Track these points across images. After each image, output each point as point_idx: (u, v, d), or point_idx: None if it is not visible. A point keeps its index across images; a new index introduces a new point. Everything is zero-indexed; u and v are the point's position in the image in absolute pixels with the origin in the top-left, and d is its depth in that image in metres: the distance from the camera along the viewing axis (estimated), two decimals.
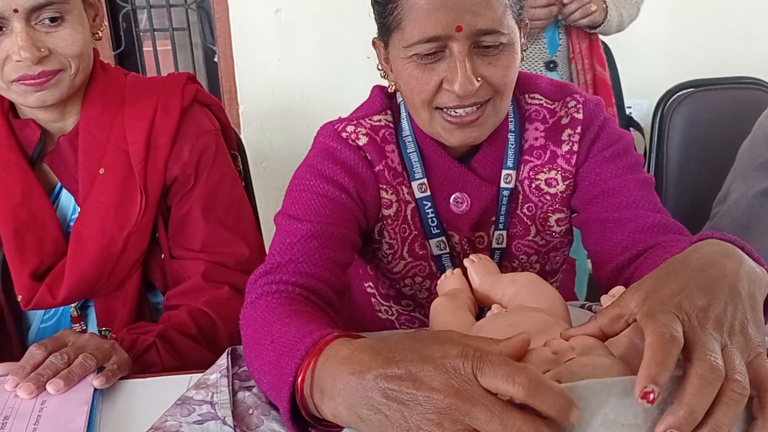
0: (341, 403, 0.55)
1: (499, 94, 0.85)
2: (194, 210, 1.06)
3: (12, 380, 0.77)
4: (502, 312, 0.72)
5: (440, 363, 0.50)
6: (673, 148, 1.60)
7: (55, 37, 0.92)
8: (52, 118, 1.02)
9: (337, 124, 0.95)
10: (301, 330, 0.66)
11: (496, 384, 0.49)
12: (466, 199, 0.95)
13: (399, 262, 0.98)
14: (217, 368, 0.79)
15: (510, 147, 0.95)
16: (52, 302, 1.01)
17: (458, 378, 0.49)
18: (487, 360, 0.50)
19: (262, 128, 2.34)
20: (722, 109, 1.61)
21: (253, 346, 0.73)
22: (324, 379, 0.57)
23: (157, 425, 0.70)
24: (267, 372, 0.67)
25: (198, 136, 1.06)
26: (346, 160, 0.92)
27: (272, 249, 0.87)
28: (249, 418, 0.72)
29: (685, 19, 2.38)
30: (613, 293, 0.72)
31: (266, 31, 2.26)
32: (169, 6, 2.44)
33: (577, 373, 0.56)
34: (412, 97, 0.87)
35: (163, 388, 0.79)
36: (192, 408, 0.73)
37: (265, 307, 0.76)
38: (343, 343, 0.59)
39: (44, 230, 1.01)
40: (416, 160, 0.94)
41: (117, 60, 2.41)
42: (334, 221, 0.88)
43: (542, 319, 0.68)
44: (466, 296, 0.82)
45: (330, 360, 0.58)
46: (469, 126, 0.86)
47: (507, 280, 0.80)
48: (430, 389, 0.49)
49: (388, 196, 0.94)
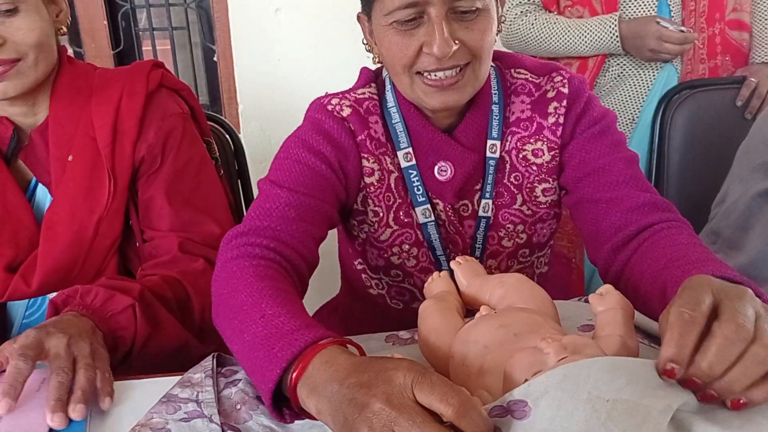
0: (325, 403, 0.61)
1: (477, 59, 0.89)
2: (158, 192, 1.06)
3: (6, 403, 0.71)
4: (492, 313, 0.71)
5: (387, 374, 0.57)
6: (673, 148, 1.59)
7: (9, 26, 0.94)
8: (23, 113, 1.03)
9: (324, 99, 1.01)
10: (296, 319, 0.70)
11: (430, 401, 0.55)
12: (449, 167, 0.99)
13: (385, 229, 1.01)
14: (201, 368, 0.78)
15: (494, 118, 0.99)
16: (26, 291, 1.01)
17: (395, 387, 0.56)
18: (428, 378, 0.56)
19: (262, 127, 2.34)
20: (723, 110, 1.60)
21: (235, 309, 0.75)
22: (316, 379, 0.63)
23: (142, 422, 0.70)
24: (254, 346, 0.70)
25: (164, 118, 1.07)
26: (329, 131, 0.96)
27: (251, 211, 0.91)
28: (237, 414, 0.72)
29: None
30: (601, 292, 0.72)
31: (266, 30, 2.26)
32: (169, 5, 2.44)
33: None
34: (394, 62, 0.91)
35: (151, 390, 0.77)
36: (178, 406, 0.72)
37: (248, 271, 0.79)
38: (337, 352, 0.65)
39: (19, 224, 1.02)
40: (401, 130, 0.99)
41: (116, 59, 2.41)
42: (313, 193, 0.92)
43: (532, 319, 0.68)
44: (454, 298, 0.81)
45: (325, 365, 0.63)
46: (449, 89, 0.90)
47: (495, 282, 0.79)
48: (371, 395, 0.56)
49: (369, 164, 0.98)
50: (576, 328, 0.81)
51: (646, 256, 0.86)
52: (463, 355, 0.67)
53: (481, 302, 0.79)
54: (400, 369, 0.57)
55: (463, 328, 0.71)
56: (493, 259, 1.04)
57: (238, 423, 0.70)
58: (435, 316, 0.76)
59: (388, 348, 0.84)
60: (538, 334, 0.64)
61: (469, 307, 0.82)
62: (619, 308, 0.69)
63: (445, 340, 0.72)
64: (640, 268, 0.85)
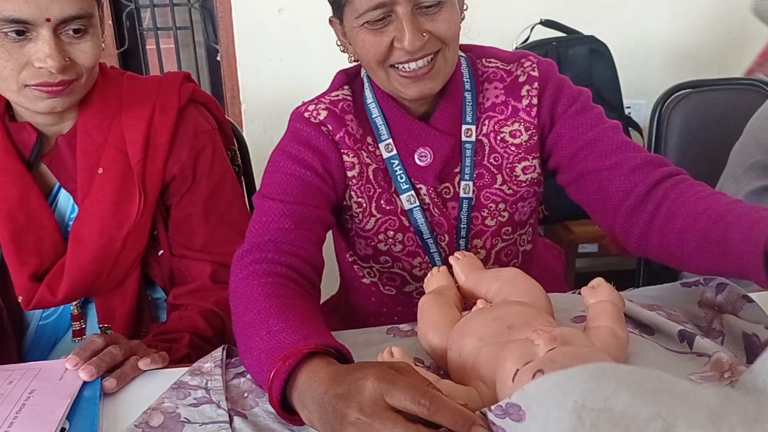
0: (315, 414, 0.66)
1: (447, 45, 0.96)
2: (196, 211, 1.08)
3: (73, 359, 0.81)
4: (487, 306, 0.74)
5: (358, 384, 0.62)
6: (671, 148, 1.60)
7: (77, 48, 0.94)
8: (51, 122, 1.03)
9: (301, 107, 1.06)
10: (296, 333, 0.75)
11: (403, 404, 0.59)
12: (429, 153, 1.04)
13: (369, 219, 1.06)
14: (211, 358, 0.81)
15: (467, 104, 1.05)
16: (52, 300, 1.02)
17: (366, 397, 0.60)
18: (397, 384, 0.60)
19: (265, 127, 2.35)
20: (720, 110, 1.61)
21: (246, 327, 0.80)
22: (304, 393, 0.68)
23: (154, 406, 0.73)
24: (261, 361, 0.75)
25: (196, 136, 1.08)
26: (308, 138, 1.02)
27: (251, 228, 0.96)
28: (244, 401, 0.75)
29: (682, 21, 2.39)
30: (593, 285, 0.75)
31: (269, 30, 2.27)
32: (173, 5, 2.46)
33: (557, 361, 0.59)
34: (368, 59, 0.97)
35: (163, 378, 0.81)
36: (188, 392, 0.76)
37: (257, 290, 0.84)
38: (321, 365, 0.69)
39: (43, 232, 1.02)
40: (381, 123, 1.04)
41: (120, 58, 2.43)
42: (304, 200, 0.97)
43: (526, 311, 0.70)
44: (453, 293, 0.84)
45: (310, 379, 0.68)
46: (423, 78, 0.96)
47: (491, 276, 0.82)
48: (347, 406, 0.61)
49: (350, 159, 1.03)
50: (569, 320, 0.83)
51: (673, 212, 0.91)
52: (460, 347, 0.70)
53: (479, 296, 0.82)
54: (369, 378, 0.61)
55: (460, 322, 0.74)
56: (479, 238, 1.08)
57: (245, 409, 0.74)
58: (434, 310, 0.79)
59: (389, 340, 0.87)
60: (531, 326, 0.66)
61: (467, 300, 0.85)
62: (609, 300, 0.72)
63: (443, 333, 0.75)
64: (672, 228, 0.90)
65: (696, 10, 2.37)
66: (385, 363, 0.64)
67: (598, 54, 2.14)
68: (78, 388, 0.78)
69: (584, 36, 2.17)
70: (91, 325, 1.11)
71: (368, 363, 0.67)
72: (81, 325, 1.10)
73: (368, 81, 1.06)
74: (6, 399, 0.76)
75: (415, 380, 0.61)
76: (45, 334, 1.12)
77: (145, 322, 1.13)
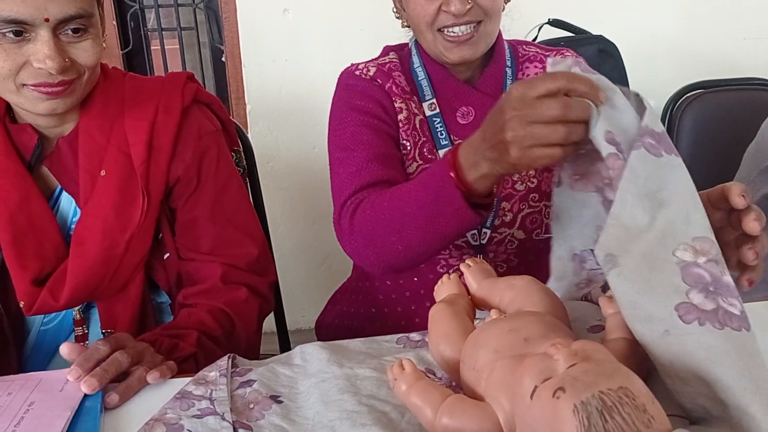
0: (479, 144, 0.80)
1: (489, 17, 1.08)
2: (202, 213, 1.06)
3: (75, 371, 0.78)
4: (502, 317, 0.72)
5: (501, 103, 0.76)
6: (681, 149, 1.59)
7: (77, 47, 0.93)
8: (52, 124, 1.02)
9: (350, 67, 1.19)
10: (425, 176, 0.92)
11: (545, 88, 0.70)
12: (471, 111, 1.15)
13: (412, 163, 1.15)
14: (216, 367, 0.79)
15: (507, 78, 1.17)
16: (54, 305, 1.01)
17: (511, 101, 0.74)
18: (531, 82, 0.72)
19: (269, 128, 2.34)
20: (731, 110, 1.60)
21: (392, 210, 0.94)
22: (468, 156, 0.82)
23: (156, 417, 0.71)
24: (426, 202, 0.89)
25: (200, 137, 1.06)
26: (364, 90, 1.13)
27: (338, 182, 1.06)
28: (249, 413, 0.73)
29: (692, 20, 2.36)
30: (611, 294, 0.72)
31: (274, 30, 2.26)
32: (177, 5, 2.45)
33: (580, 379, 0.56)
34: (418, 21, 1.09)
35: (165, 388, 0.79)
36: (191, 402, 0.73)
37: (379, 200, 0.98)
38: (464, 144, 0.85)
39: (44, 235, 1.00)
40: (426, 85, 1.15)
41: (125, 59, 2.42)
42: (380, 143, 1.09)
43: (542, 323, 0.68)
44: (465, 301, 0.81)
45: (465, 147, 0.83)
46: (464, 44, 1.08)
47: (504, 284, 0.79)
48: (502, 112, 0.75)
49: (399, 104, 1.14)
50: (585, 330, 0.81)
51: None
52: (474, 360, 0.67)
53: (491, 305, 0.79)
54: (508, 94, 0.74)
55: (473, 333, 0.71)
56: (507, 201, 1.15)
57: (250, 421, 0.71)
58: (445, 320, 0.76)
59: (399, 350, 0.84)
60: (548, 338, 0.64)
61: (480, 309, 0.83)
62: None
63: (455, 344, 0.72)
64: None
65: (707, 9, 2.34)
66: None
67: (607, 54, 2.12)
68: (79, 400, 0.76)
69: (593, 36, 2.15)
70: (93, 330, 1.09)
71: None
72: (83, 331, 1.09)
73: (416, 48, 1.17)
74: (5, 411, 0.74)
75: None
76: (46, 340, 1.10)
77: (149, 326, 1.11)
